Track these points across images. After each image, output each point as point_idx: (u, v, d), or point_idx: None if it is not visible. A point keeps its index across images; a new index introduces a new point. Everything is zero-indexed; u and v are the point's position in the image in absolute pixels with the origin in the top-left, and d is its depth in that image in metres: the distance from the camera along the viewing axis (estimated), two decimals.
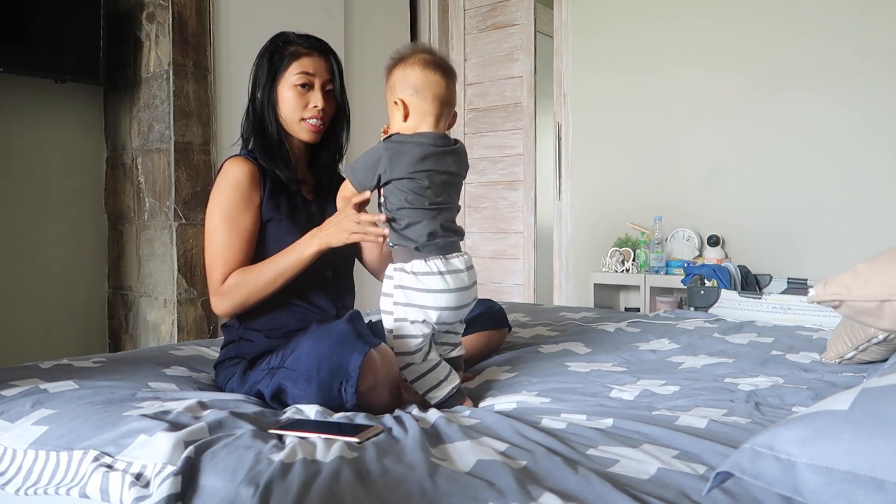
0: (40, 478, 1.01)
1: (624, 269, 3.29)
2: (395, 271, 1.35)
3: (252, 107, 1.54)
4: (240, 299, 1.43)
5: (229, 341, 1.50)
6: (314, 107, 1.50)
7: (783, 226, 3.02)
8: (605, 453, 0.99)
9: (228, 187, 1.46)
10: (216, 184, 1.49)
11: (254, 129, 1.53)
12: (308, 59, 1.51)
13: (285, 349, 1.35)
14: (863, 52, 2.82)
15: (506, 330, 1.78)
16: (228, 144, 2.89)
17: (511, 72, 3.91)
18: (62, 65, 2.51)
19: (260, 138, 1.51)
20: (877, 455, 0.68)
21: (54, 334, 2.69)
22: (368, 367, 1.22)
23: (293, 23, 3.15)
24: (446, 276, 1.33)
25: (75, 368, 1.46)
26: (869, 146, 2.82)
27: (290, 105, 1.50)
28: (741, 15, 3.08)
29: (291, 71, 1.50)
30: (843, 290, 1.16)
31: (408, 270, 1.33)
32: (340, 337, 1.25)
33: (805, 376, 1.45)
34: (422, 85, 1.35)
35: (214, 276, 1.45)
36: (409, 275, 1.33)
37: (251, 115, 1.54)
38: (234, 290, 1.43)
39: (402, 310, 1.34)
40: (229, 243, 1.44)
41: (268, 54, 1.52)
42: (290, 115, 1.51)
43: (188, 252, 2.71)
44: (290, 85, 1.49)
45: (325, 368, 1.22)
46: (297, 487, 0.85)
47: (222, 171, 1.49)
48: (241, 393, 1.37)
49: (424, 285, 1.32)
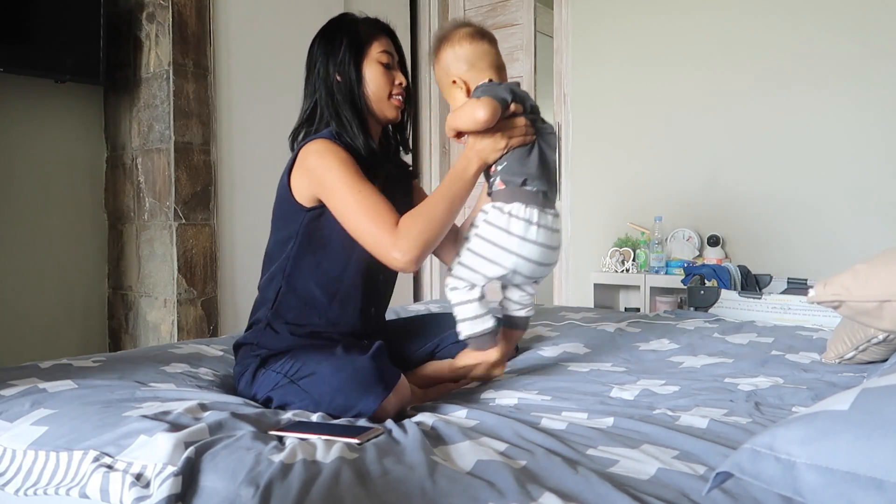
0: (40, 478, 1.01)
1: (624, 269, 3.29)
2: (493, 208, 1.35)
3: (327, 88, 1.48)
4: (421, 237, 1.33)
5: (256, 322, 1.48)
6: (399, 83, 1.51)
7: (783, 226, 3.02)
8: (605, 453, 0.99)
9: (339, 159, 1.38)
10: (317, 163, 1.39)
11: (336, 110, 1.47)
12: (385, 39, 1.52)
13: (304, 361, 1.32)
14: (865, 52, 2.81)
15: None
16: (228, 144, 2.89)
17: (511, 72, 3.91)
18: (62, 65, 2.51)
19: (348, 117, 1.47)
20: (877, 455, 0.68)
21: (54, 334, 2.69)
22: (382, 409, 1.22)
23: (293, 23, 3.17)
24: (538, 227, 1.34)
25: (74, 368, 1.46)
26: (870, 146, 2.82)
27: (378, 82, 1.48)
28: (741, 14, 3.08)
29: (375, 49, 1.49)
30: (843, 291, 1.16)
31: (504, 210, 1.34)
32: (361, 374, 1.24)
33: (805, 376, 1.45)
34: (475, 57, 1.38)
35: (382, 226, 1.34)
36: (503, 214, 1.34)
37: (331, 96, 1.48)
38: (411, 228, 1.34)
39: (480, 244, 1.35)
40: (375, 197, 1.36)
41: (345, 34, 1.49)
42: (378, 92, 1.49)
43: (188, 252, 2.71)
44: (375, 62, 1.48)
45: (339, 402, 1.23)
46: (298, 488, 0.85)
47: (316, 150, 1.41)
48: (249, 394, 1.37)
49: (513, 229, 1.33)
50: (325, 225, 1.43)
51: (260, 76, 3.02)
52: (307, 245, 1.44)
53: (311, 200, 1.43)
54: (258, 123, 3.01)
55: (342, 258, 1.45)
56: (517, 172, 1.35)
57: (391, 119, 1.53)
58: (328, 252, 1.44)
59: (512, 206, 1.33)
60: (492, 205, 1.36)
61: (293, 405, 1.28)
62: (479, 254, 1.35)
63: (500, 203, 1.35)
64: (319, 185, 1.40)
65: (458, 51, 1.38)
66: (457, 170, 1.40)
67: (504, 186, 1.36)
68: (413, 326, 1.70)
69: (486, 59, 1.39)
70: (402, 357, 1.56)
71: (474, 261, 1.36)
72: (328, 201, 1.40)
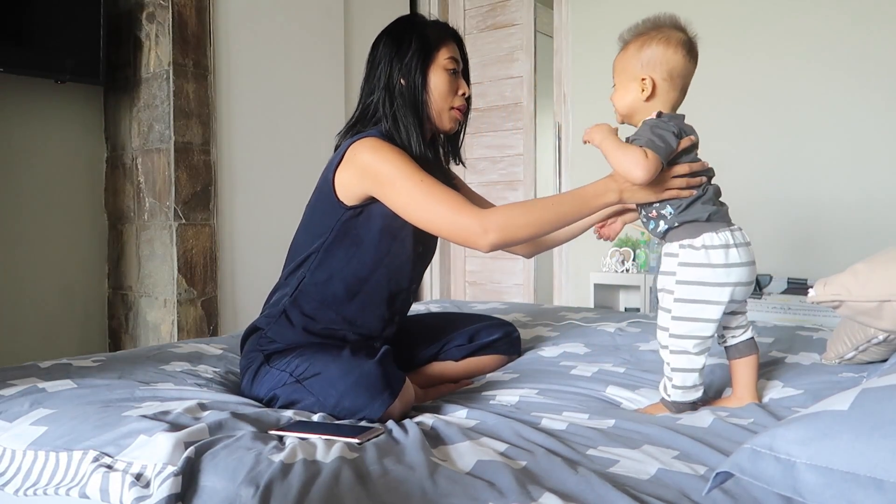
0: (40, 478, 1.01)
1: (624, 269, 3.29)
2: (682, 248, 1.24)
3: (390, 90, 1.42)
4: (511, 221, 1.28)
5: (272, 306, 1.46)
6: (462, 94, 1.45)
7: (783, 226, 3.02)
8: (605, 453, 0.99)
9: (394, 153, 1.33)
10: (371, 159, 1.33)
11: (395, 113, 1.41)
12: (453, 44, 1.46)
13: (310, 361, 1.31)
14: (866, 52, 2.81)
15: (515, 356, 1.74)
16: (228, 144, 2.89)
17: (511, 72, 3.91)
18: (62, 65, 2.51)
19: (406, 122, 1.40)
20: (877, 455, 0.68)
21: (54, 334, 2.69)
22: (387, 414, 1.22)
23: (293, 23, 3.18)
24: (739, 248, 1.24)
25: (74, 368, 1.46)
26: (871, 147, 2.82)
27: (442, 91, 1.42)
28: (741, 14, 3.08)
29: (443, 55, 1.42)
30: (843, 291, 1.16)
31: (697, 246, 1.23)
32: (368, 379, 1.23)
33: (805, 377, 1.45)
34: (678, 73, 1.27)
35: (459, 209, 1.29)
36: (698, 250, 1.23)
37: (391, 99, 1.42)
38: (503, 210, 1.30)
39: (688, 289, 1.23)
40: (441, 185, 1.32)
41: (416, 36, 1.42)
42: (441, 101, 1.43)
43: (188, 252, 2.71)
44: (442, 70, 1.42)
45: (345, 405, 1.22)
46: (298, 488, 0.85)
47: (370, 146, 1.35)
48: (252, 389, 1.37)
49: (719, 260, 1.22)
50: (361, 224, 1.40)
51: (260, 76, 3.02)
52: (340, 242, 1.41)
53: (357, 198, 1.38)
54: (258, 123, 3.01)
55: (373, 261, 1.42)
56: (698, 212, 1.26)
57: (447, 130, 1.48)
58: (360, 251, 1.42)
59: (703, 239, 1.23)
60: (678, 244, 1.25)
61: (298, 404, 1.28)
62: (691, 299, 1.23)
63: (686, 241, 1.25)
64: (375, 181, 1.34)
65: (670, 56, 1.26)
66: (588, 192, 1.30)
67: (681, 226, 1.27)
68: (418, 328, 1.70)
69: (685, 81, 1.29)
70: (405, 357, 1.56)
71: (688, 310, 1.23)
72: (386, 195, 1.34)
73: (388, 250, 1.42)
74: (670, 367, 1.25)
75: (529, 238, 1.33)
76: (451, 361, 1.62)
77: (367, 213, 1.40)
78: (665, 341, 1.26)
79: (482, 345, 1.65)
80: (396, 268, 1.44)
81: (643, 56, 1.27)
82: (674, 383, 1.24)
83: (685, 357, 1.24)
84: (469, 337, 1.64)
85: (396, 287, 1.47)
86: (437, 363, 1.62)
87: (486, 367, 1.66)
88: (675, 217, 1.27)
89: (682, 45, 1.27)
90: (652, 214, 1.32)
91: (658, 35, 1.28)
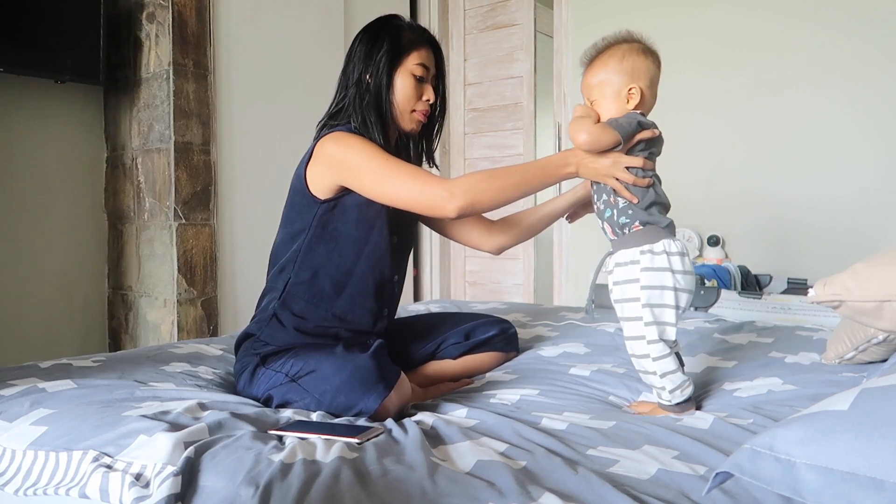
0: (40, 478, 1.01)
1: None
2: (642, 254, 1.27)
3: (360, 86, 1.47)
4: (476, 185, 1.33)
5: (262, 311, 1.48)
6: (426, 100, 1.49)
7: (783, 226, 3.02)
8: (605, 453, 0.99)
9: (361, 141, 1.39)
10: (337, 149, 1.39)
11: (365, 109, 1.46)
12: (426, 51, 1.49)
13: (304, 360, 1.32)
14: (866, 52, 2.81)
15: (514, 353, 1.75)
16: (228, 144, 2.89)
17: (511, 72, 3.91)
18: (62, 65, 2.51)
19: (371, 119, 1.45)
20: (876, 455, 0.68)
21: (54, 334, 2.69)
22: (383, 408, 1.23)
23: (293, 23, 3.17)
24: (685, 257, 1.28)
25: (74, 368, 1.46)
26: (870, 146, 2.82)
27: (406, 94, 1.47)
28: (742, 14, 3.08)
29: (412, 60, 1.47)
30: (843, 291, 1.16)
31: (658, 251, 1.27)
32: (362, 373, 1.24)
33: (805, 376, 1.45)
34: (656, 80, 1.35)
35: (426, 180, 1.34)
36: (659, 255, 1.26)
37: (359, 95, 1.47)
38: (469, 176, 1.35)
39: (654, 294, 1.26)
40: (407, 164, 1.37)
41: (388, 37, 1.47)
42: (404, 104, 1.47)
43: (188, 252, 2.71)
44: (409, 74, 1.46)
45: (340, 401, 1.23)
46: (297, 488, 0.85)
47: (335, 138, 1.41)
48: (249, 392, 1.37)
49: (677, 266, 1.26)
50: (338, 217, 1.44)
51: (260, 76, 3.02)
52: (319, 238, 1.44)
53: (329, 191, 1.42)
54: (258, 123, 3.01)
55: (353, 252, 1.45)
56: (658, 218, 1.30)
57: (407, 132, 1.52)
58: (339, 245, 1.45)
59: (663, 244, 1.27)
60: (638, 250, 1.28)
61: (294, 404, 1.28)
62: (659, 304, 1.26)
63: (646, 246, 1.27)
64: (342, 169, 1.38)
65: (651, 67, 1.33)
66: (550, 162, 1.36)
67: (642, 228, 1.30)
68: (414, 327, 1.70)
69: (656, 89, 1.36)
70: (403, 357, 1.56)
71: (658, 313, 1.26)
72: (355, 181, 1.38)
73: (366, 240, 1.45)
74: (658, 373, 1.25)
75: (495, 203, 1.35)
76: (448, 360, 1.63)
77: (341, 206, 1.43)
78: (644, 349, 1.26)
79: (479, 342, 1.65)
80: (378, 258, 1.47)
81: (625, 67, 1.32)
82: (668, 388, 1.25)
83: (668, 359, 1.25)
84: (465, 334, 1.65)
85: (381, 277, 1.49)
86: (434, 362, 1.63)
87: (483, 364, 1.66)
88: (637, 213, 1.29)
89: (652, 55, 1.35)
90: (611, 201, 1.33)
91: (632, 47, 1.34)
